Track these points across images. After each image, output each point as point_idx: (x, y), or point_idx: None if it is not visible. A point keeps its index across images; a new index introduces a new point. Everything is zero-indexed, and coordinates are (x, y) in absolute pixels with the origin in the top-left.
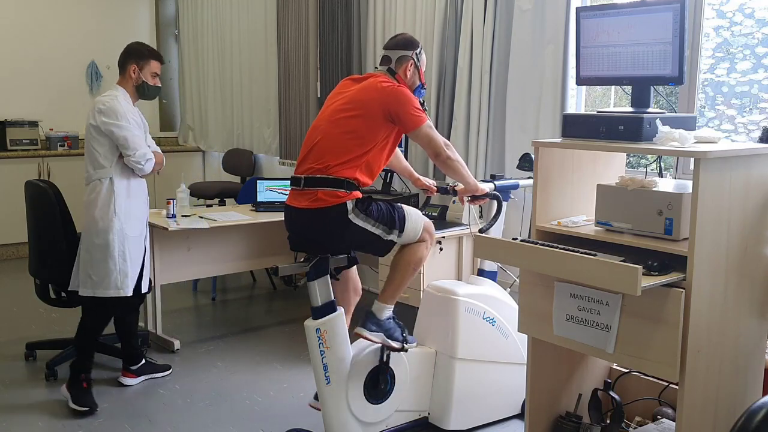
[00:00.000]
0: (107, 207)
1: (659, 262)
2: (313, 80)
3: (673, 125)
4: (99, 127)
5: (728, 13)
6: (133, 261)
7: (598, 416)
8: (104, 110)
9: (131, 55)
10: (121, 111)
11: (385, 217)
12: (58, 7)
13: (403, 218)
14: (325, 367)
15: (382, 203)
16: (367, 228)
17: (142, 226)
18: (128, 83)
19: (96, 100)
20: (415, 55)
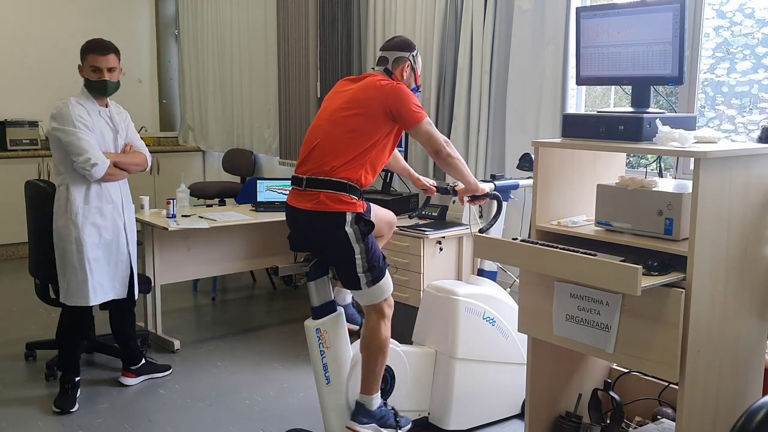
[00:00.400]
0: (64, 215)
1: (659, 262)
2: (313, 80)
3: (673, 125)
4: (50, 132)
5: (728, 13)
6: (94, 269)
7: (598, 416)
8: (54, 115)
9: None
10: (69, 115)
11: (373, 256)
12: (58, 7)
13: (382, 274)
14: (325, 367)
15: (380, 249)
16: (353, 249)
17: (107, 233)
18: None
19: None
20: (411, 57)
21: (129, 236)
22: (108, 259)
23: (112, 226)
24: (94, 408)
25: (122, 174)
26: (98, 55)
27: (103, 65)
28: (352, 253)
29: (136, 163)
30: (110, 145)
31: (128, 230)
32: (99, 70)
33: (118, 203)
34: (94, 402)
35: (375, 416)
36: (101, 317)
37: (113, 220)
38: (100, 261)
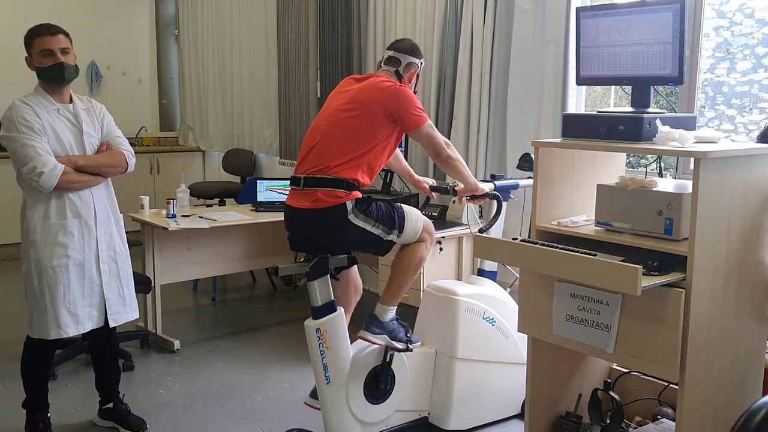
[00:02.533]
0: (24, 234)
1: (659, 262)
2: (313, 80)
3: (673, 125)
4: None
5: (728, 13)
6: (56, 297)
7: (598, 416)
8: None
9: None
10: (12, 119)
11: (384, 217)
12: (58, 8)
13: (402, 218)
14: (325, 367)
15: (382, 203)
16: (367, 228)
17: (75, 253)
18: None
19: None
20: (420, 64)
21: (102, 254)
22: (81, 283)
23: (81, 245)
24: (94, 408)
25: (92, 180)
26: (47, 36)
27: (54, 46)
28: (367, 231)
29: (110, 165)
30: (73, 146)
31: (101, 248)
32: (51, 52)
33: (88, 216)
34: (94, 402)
35: (387, 328)
36: None
37: (81, 236)
38: (71, 286)
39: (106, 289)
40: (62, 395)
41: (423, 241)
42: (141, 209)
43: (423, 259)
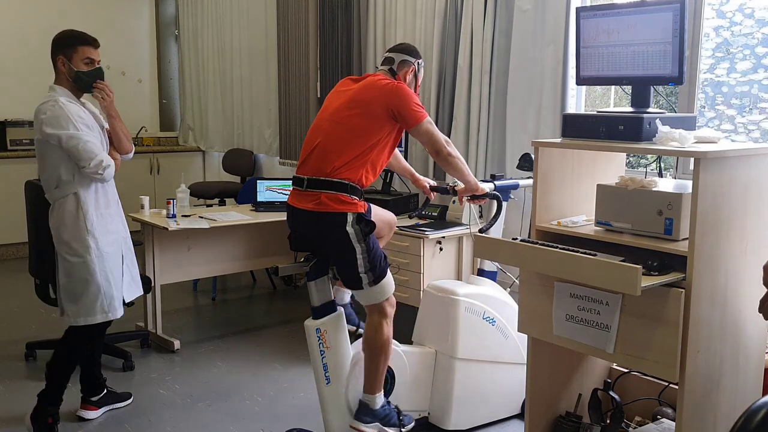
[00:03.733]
0: (78, 226)
1: (659, 262)
2: (313, 80)
3: (673, 125)
4: (46, 140)
5: (728, 13)
6: (116, 279)
7: (598, 416)
8: (46, 120)
9: (56, 47)
10: (65, 115)
11: (374, 256)
12: (58, 7)
13: (384, 273)
14: (325, 367)
15: (381, 249)
16: (356, 249)
17: (118, 236)
18: (61, 79)
19: (36, 109)
20: (417, 63)
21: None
22: (124, 261)
23: (119, 228)
24: None
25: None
26: (92, 47)
27: (95, 57)
28: (353, 253)
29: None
30: (104, 142)
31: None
32: (92, 61)
33: (117, 202)
34: None
35: (378, 415)
36: None
37: (120, 221)
38: (121, 269)
39: (126, 269)
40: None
41: (384, 316)
42: (141, 209)
43: (389, 338)
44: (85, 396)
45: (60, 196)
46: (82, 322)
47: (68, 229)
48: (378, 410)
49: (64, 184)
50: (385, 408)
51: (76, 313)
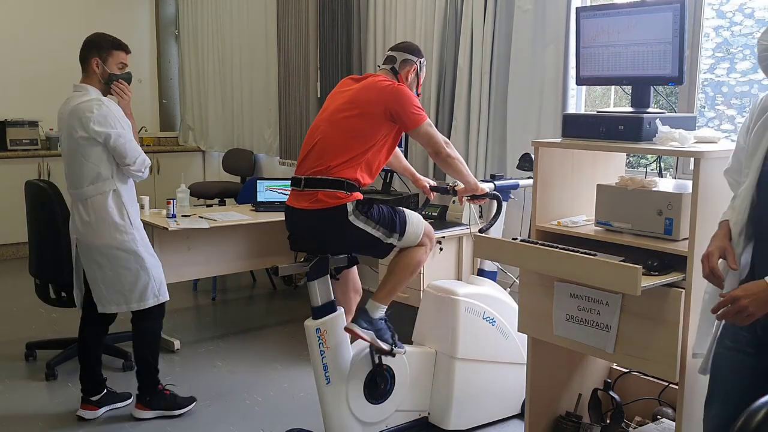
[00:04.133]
0: (123, 221)
1: (659, 262)
2: (313, 80)
3: (673, 125)
4: (93, 138)
5: (728, 13)
6: (159, 265)
7: (598, 416)
8: (95, 118)
9: (91, 48)
10: (113, 115)
11: (386, 219)
12: (58, 7)
13: (404, 222)
14: (325, 367)
15: (384, 206)
16: (368, 230)
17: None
18: (93, 78)
19: (76, 107)
20: (419, 62)
21: None
22: None
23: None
24: None
25: None
26: (126, 54)
27: (127, 62)
28: (367, 233)
29: None
30: None
31: None
32: (125, 66)
33: None
34: None
35: (375, 325)
36: None
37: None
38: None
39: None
40: (62, 395)
41: (423, 245)
42: (141, 209)
43: (421, 262)
44: (85, 396)
45: (96, 193)
46: (135, 307)
47: (112, 225)
48: (376, 320)
49: (102, 181)
50: (382, 322)
51: (129, 301)
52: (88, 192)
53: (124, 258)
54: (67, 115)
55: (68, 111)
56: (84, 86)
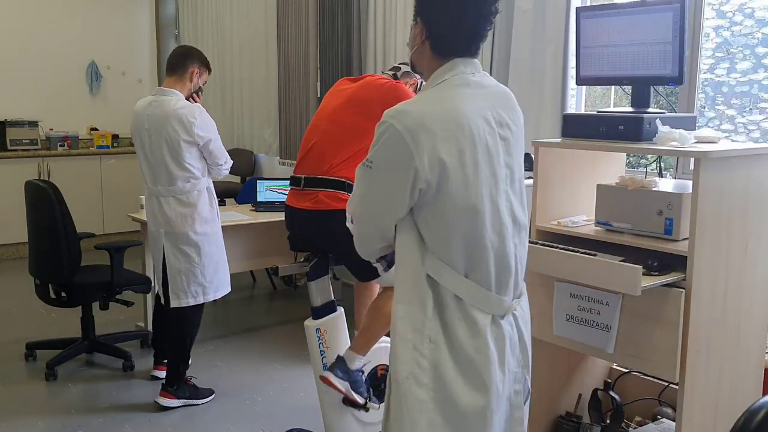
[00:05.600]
0: (213, 216)
1: (659, 262)
2: (313, 80)
3: (673, 125)
4: (195, 142)
5: (728, 13)
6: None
7: (598, 416)
8: (198, 123)
9: (196, 59)
10: (212, 121)
11: None
12: (58, 7)
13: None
14: (325, 367)
15: None
16: None
17: None
18: (185, 85)
19: (177, 111)
20: (420, 82)
21: None
22: None
23: None
24: (94, 408)
25: None
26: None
27: None
28: None
29: None
30: None
31: None
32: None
33: None
34: (94, 402)
35: (351, 376)
36: (102, 317)
37: None
38: None
39: None
40: (62, 395)
41: None
42: (141, 209)
43: None
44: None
45: (191, 190)
46: (212, 298)
47: (206, 219)
48: (353, 371)
49: (197, 180)
50: (358, 373)
51: (205, 291)
52: (184, 188)
53: (212, 250)
54: (163, 118)
55: (164, 114)
56: (173, 92)
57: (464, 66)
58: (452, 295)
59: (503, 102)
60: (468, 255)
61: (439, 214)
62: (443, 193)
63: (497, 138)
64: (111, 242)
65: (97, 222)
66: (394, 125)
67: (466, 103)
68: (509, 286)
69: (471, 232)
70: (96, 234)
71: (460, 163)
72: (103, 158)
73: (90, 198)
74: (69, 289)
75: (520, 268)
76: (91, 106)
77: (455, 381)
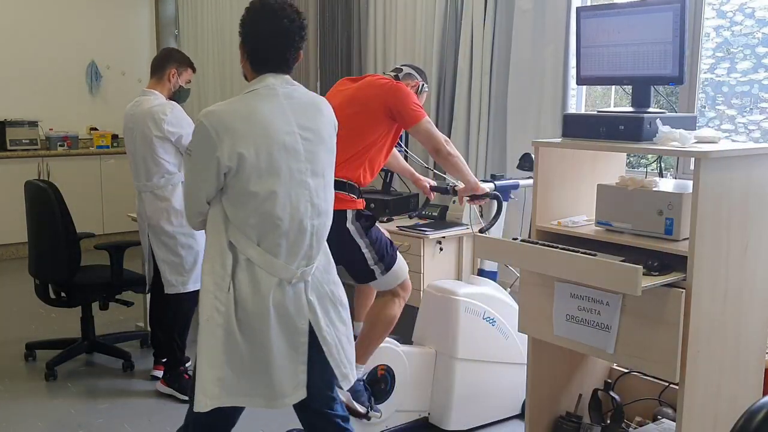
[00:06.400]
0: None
1: (659, 262)
2: (313, 80)
3: (674, 125)
4: (167, 137)
5: (728, 12)
6: None
7: (598, 416)
8: (168, 120)
9: (172, 60)
10: (183, 117)
11: (381, 246)
12: (58, 7)
13: (394, 259)
14: None
15: (385, 235)
16: (360, 246)
17: None
18: (165, 86)
19: (150, 109)
20: (422, 83)
21: None
22: None
23: None
24: (94, 408)
25: None
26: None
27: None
28: (358, 248)
29: None
30: None
31: None
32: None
33: None
34: (94, 402)
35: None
36: (102, 317)
37: None
38: None
39: None
40: (62, 395)
41: (397, 296)
42: None
43: (396, 317)
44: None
45: (166, 185)
46: (191, 288)
47: (181, 213)
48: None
49: (171, 175)
50: (361, 383)
51: (185, 282)
52: (159, 183)
53: (188, 243)
54: (140, 116)
55: (141, 112)
56: (153, 92)
57: (274, 79)
58: (245, 258)
59: (309, 110)
60: (259, 228)
61: (237, 196)
62: (240, 179)
63: (298, 138)
64: (111, 242)
65: (97, 222)
66: (203, 123)
67: (267, 108)
68: (298, 257)
69: (262, 212)
70: (96, 234)
71: (256, 156)
72: (103, 158)
73: (90, 198)
74: (69, 289)
75: (314, 243)
76: (91, 106)
77: (239, 327)
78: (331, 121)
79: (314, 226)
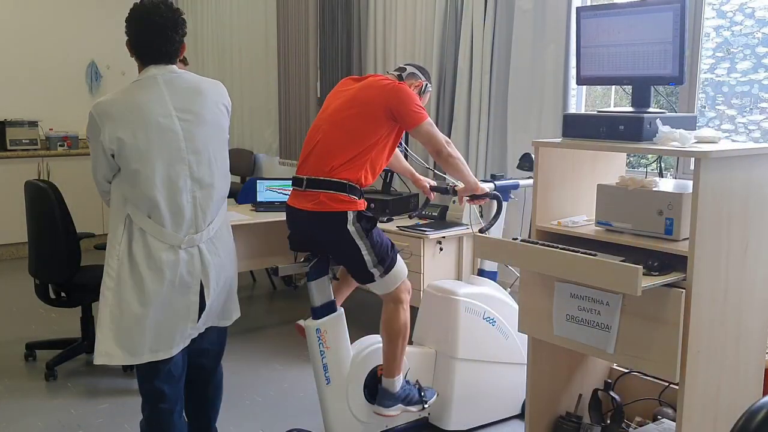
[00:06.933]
0: None
1: (659, 262)
2: (313, 80)
3: (674, 125)
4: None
5: (728, 12)
6: None
7: (599, 416)
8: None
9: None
10: None
11: (381, 248)
12: (58, 7)
13: (393, 262)
14: (325, 367)
15: (386, 238)
16: (360, 248)
17: None
18: None
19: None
20: (425, 84)
21: None
22: None
23: None
24: (94, 408)
25: None
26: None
27: None
28: (358, 250)
29: None
30: None
31: None
32: None
33: None
34: (94, 402)
35: (399, 397)
36: None
37: None
38: None
39: None
40: (62, 395)
41: (399, 302)
42: None
43: (407, 321)
44: None
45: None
46: None
47: None
48: (398, 393)
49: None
50: (405, 389)
51: None
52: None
53: None
54: None
55: None
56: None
57: (156, 70)
58: (139, 228)
59: (190, 95)
60: (145, 202)
61: (126, 174)
62: (124, 160)
63: (175, 120)
64: None
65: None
66: (91, 112)
67: (146, 96)
68: (183, 226)
69: (144, 188)
70: (96, 234)
71: (134, 138)
72: None
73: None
74: (69, 289)
75: (200, 213)
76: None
77: (131, 289)
78: (216, 101)
79: (196, 198)
